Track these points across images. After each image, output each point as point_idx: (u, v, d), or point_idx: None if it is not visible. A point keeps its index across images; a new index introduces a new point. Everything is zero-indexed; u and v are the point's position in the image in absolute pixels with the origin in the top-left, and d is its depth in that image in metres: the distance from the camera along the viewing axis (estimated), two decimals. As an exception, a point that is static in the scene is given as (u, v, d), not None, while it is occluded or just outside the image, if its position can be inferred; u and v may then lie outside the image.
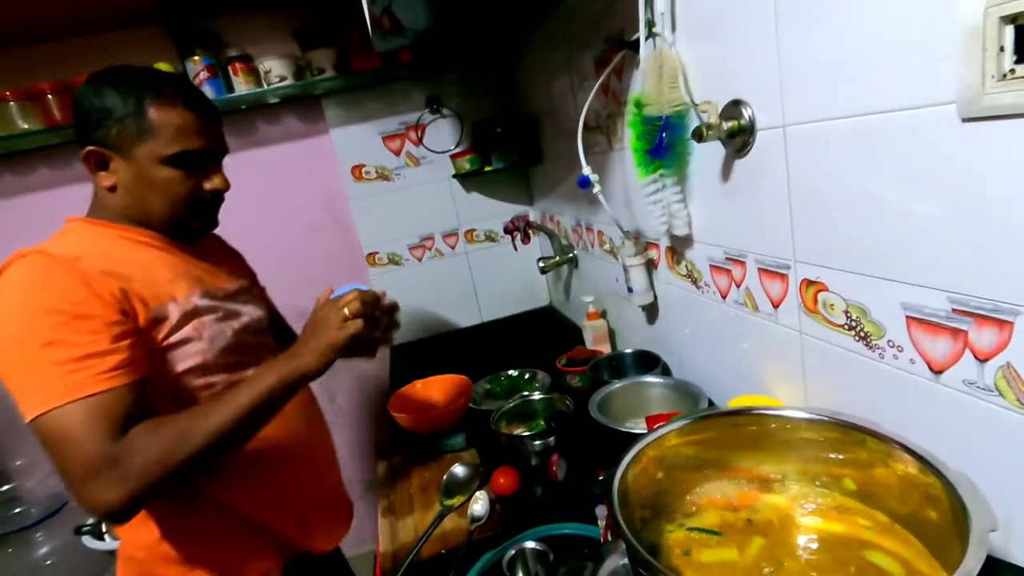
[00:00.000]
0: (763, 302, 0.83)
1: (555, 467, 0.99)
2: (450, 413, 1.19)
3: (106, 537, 1.49)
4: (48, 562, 1.67)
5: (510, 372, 1.44)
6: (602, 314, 1.46)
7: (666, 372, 1.16)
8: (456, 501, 0.97)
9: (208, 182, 0.84)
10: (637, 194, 1.09)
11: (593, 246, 1.48)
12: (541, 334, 1.86)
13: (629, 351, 1.26)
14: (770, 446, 0.57)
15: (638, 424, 0.96)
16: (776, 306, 0.80)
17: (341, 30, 1.65)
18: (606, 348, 1.42)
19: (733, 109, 0.77)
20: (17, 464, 1.78)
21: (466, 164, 1.82)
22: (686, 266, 1.02)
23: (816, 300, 0.72)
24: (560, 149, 1.57)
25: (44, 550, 1.68)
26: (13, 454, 1.78)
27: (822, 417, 0.54)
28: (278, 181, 1.81)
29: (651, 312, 1.21)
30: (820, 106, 0.63)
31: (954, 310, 0.53)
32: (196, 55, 1.58)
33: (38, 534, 1.68)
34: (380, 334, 0.85)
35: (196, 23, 1.62)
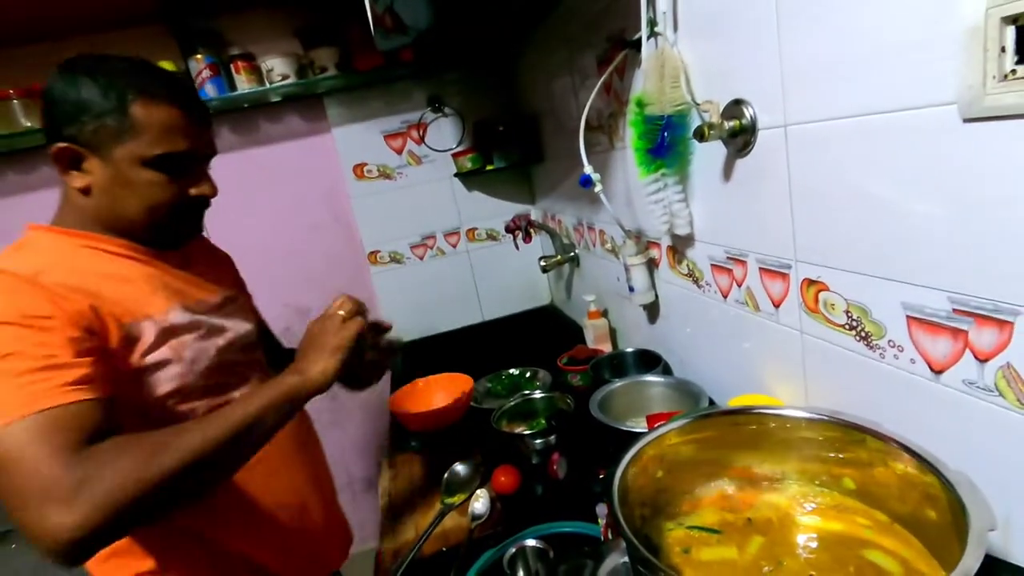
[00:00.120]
0: (764, 302, 0.83)
1: (556, 466, 0.99)
2: (451, 411, 1.19)
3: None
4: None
5: (511, 371, 1.44)
6: (603, 313, 1.46)
7: (667, 371, 1.16)
8: (457, 499, 0.97)
9: (194, 187, 0.77)
10: (638, 193, 1.09)
11: (594, 245, 1.49)
12: (542, 333, 1.87)
13: (630, 350, 1.26)
14: (770, 445, 0.57)
15: (639, 423, 0.96)
16: (777, 306, 0.80)
17: (343, 29, 1.65)
18: (607, 347, 1.42)
19: (735, 108, 0.77)
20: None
21: (468, 163, 1.82)
22: (687, 265, 1.02)
23: (817, 300, 0.72)
24: (561, 148, 1.57)
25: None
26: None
27: (822, 416, 0.54)
28: (280, 180, 1.81)
29: (652, 311, 1.22)
30: (821, 106, 0.63)
31: (954, 310, 0.53)
32: (199, 54, 1.58)
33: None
34: (376, 354, 0.84)
35: (198, 22, 1.63)
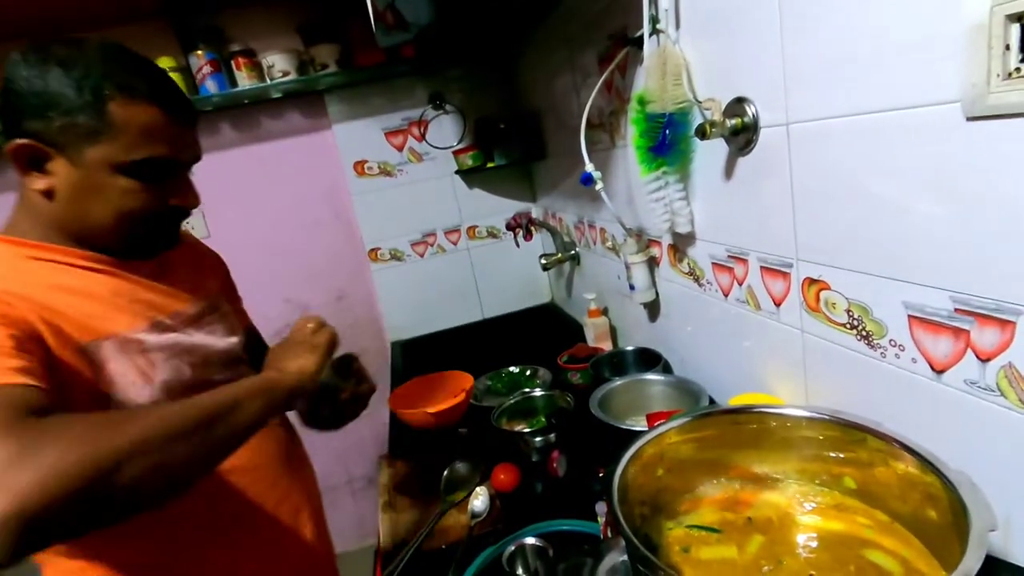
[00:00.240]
0: (765, 300, 0.83)
1: (555, 463, 0.99)
2: (451, 409, 1.19)
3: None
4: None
5: (511, 369, 1.44)
6: (604, 311, 1.46)
7: (667, 370, 1.16)
8: (457, 497, 0.97)
9: (174, 197, 0.69)
10: (640, 191, 1.09)
11: (595, 243, 1.48)
12: (542, 331, 1.87)
13: (630, 348, 1.26)
14: (770, 444, 0.57)
15: (639, 422, 0.96)
16: (778, 304, 0.80)
17: (344, 25, 1.65)
18: (607, 345, 1.42)
19: (737, 106, 0.76)
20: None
21: (469, 160, 1.81)
22: (688, 264, 1.02)
23: (818, 299, 0.72)
24: (563, 146, 1.56)
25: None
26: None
27: (822, 416, 0.54)
28: (280, 176, 1.81)
29: (653, 310, 1.21)
30: (824, 104, 0.63)
31: (956, 310, 0.53)
32: (199, 50, 1.58)
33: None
34: (351, 392, 0.83)
35: (199, 18, 1.62)
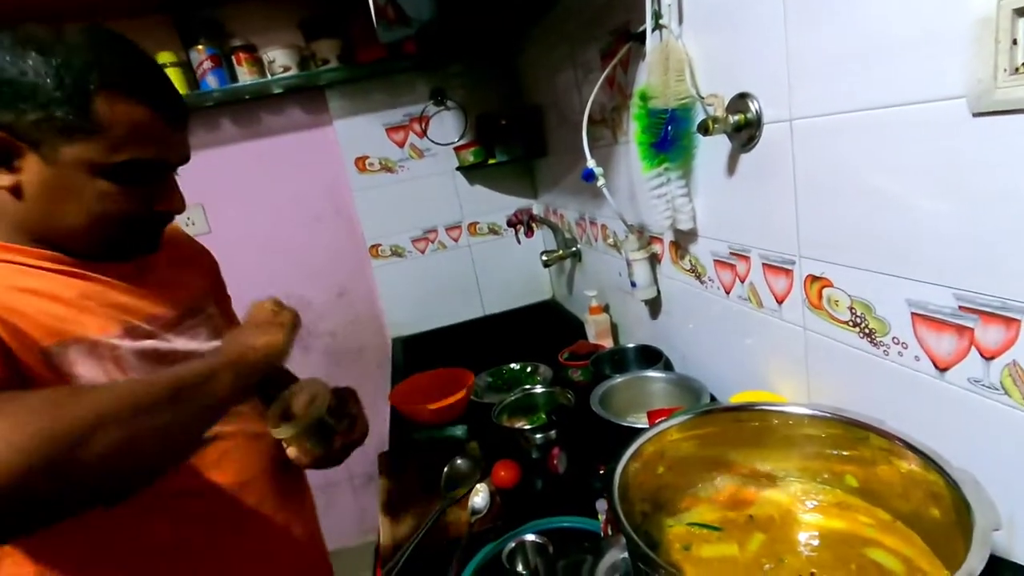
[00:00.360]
0: (767, 298, 0.82)
1: (556, 460, 0.99)
2: (452, 405, 1.19)
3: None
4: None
5: (512, 365, 1.44)
6: (605, 308, 1.45)
7: (668, 367, 1.16)
8: (457, 493, 0.97)
9: (159, 201, 0.65)
10: (641, 188, 1.08)
11: (596, 240, 1.48)
12: (543, 328, 1.86)
13: (631, 346, 1.26)
14: (772, 442, 0.56)
15: (639, 419, 0.96)
16: (780, 302, 0.79)
17: (345, 20, 1.64)
18: (608, 342, 1.42)
19: (740, 102, 0.76)
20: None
21: (470, 157, 1.81)
22: (690, 261, 1.01)
23: (821, 296, 0.71)
24: (565, 142, 1.56)
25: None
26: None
27: (825, 413, 0.54)
28: (281, 172, 1.81)
29: (654, 307, 1.21)
30: (828, 100, 0.63)
31: (960, 307, 0.53)
32: (200, 45, 1.57)
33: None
34: (344, 437, 0.78)
35: (200, 12, 1.61)
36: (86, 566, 0.62)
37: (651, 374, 1.09)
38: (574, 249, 1.66)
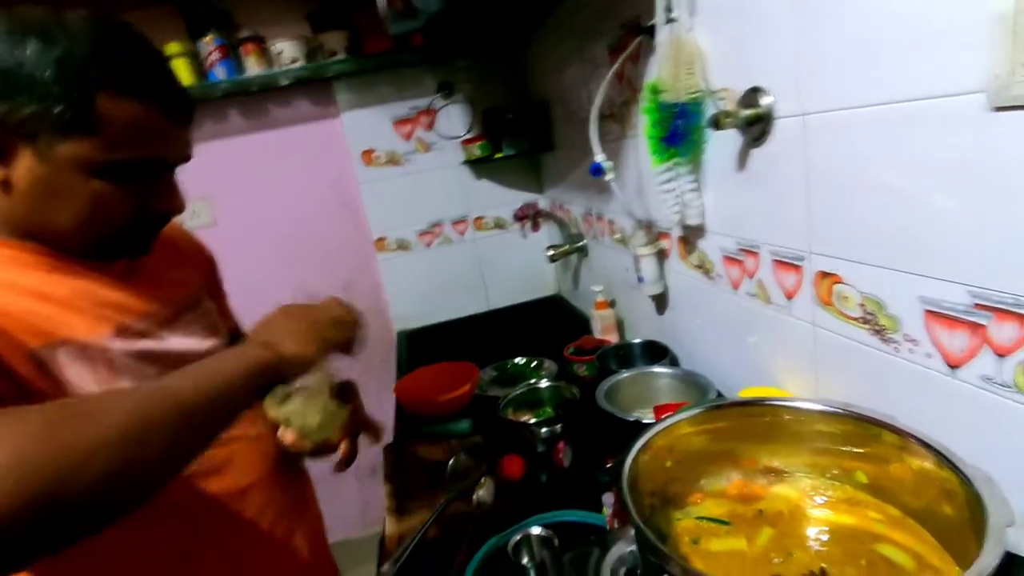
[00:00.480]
0: (776, 294, 0.82)
1: (561, 455, 0.99)
2: (457, 399, 1.19)
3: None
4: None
5: (516, 360, 1.44)
6: (611, 304, 1.45)
7: (674, 363, 1.15)
8: (462, 486, 0.97)
9: (157, 200, 0.62)
10: (650, 183, 1.08)
11: (603, 235, 1.47)
12: (548, 323, 1.86)
13: (637, 341, 1.26)
14: (782, 438, 0.56)
15: (645, 414, 0.96)
16: (789, 298, 0.79)
17: (353, 12, 1.64)
18: (614, 338, 1.42)
19: (751, 96, 0.75)
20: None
21: (477, 150, 1.80)
22: (698, 256, 1.01)
23: (831, 292, 0.71)
24: (572, 137, 1.55)
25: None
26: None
27: (837, 409, 0.54)
28: (288, 164, 1.81)
29: (661, 302, 1.21)
30: (842, 94, 0.62)
31: (975, 304, 0.52)
32: (208, 35, 1.57)
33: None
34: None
35: (208, 3, 1.61)
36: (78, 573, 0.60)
37: (657, 369, 1.09)
38: (580, 244, 1.66)
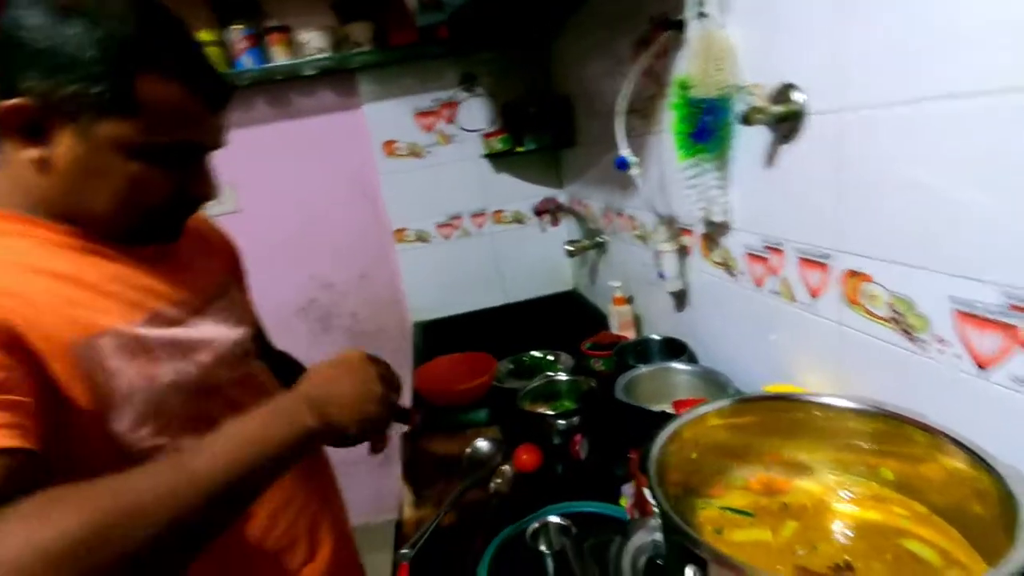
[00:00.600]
0: (801, 292, 0.82)
1: (578, 447, 1.00)
2: (474, 389, 1.20)
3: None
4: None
5: (533, 353, 1.44)
6: (629, 300, 1.45)
7: (692, 360, 1.15)
8: (479, 474, 0.98)
9: (193, 186, 0.62)
10: (673, 179, 1.08)
11: (623, 231, 1.47)
12: (564, 318, 1.87)
13: (656, 337, 1.26)
14: (808, 433, 0.56)
15: (665, 409, 0.96)
16: (814, 296, 0.79)
17: (379, 3, 1.65)
18: (631, 334, 1.42)
19: (783, 93, 0.75)
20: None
21: (497, 144, 1.81)
22: (721, 253, 1.01)
23: (858, 291, 0.71)
24: (594, 132, 1.55)
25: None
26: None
27: (867, 407, 0.53)
28: (310, 154, 1.83)
29: (680, 299, 1.21)
30: (876, 92, 0.62)
31: (1011, 305, 0.52)
32: (236, 24, 1.59)
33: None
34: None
35: (237, -9, 1.63)
36: None
37: (676, 365, 1.09)
38: (599, 240, 1.66)
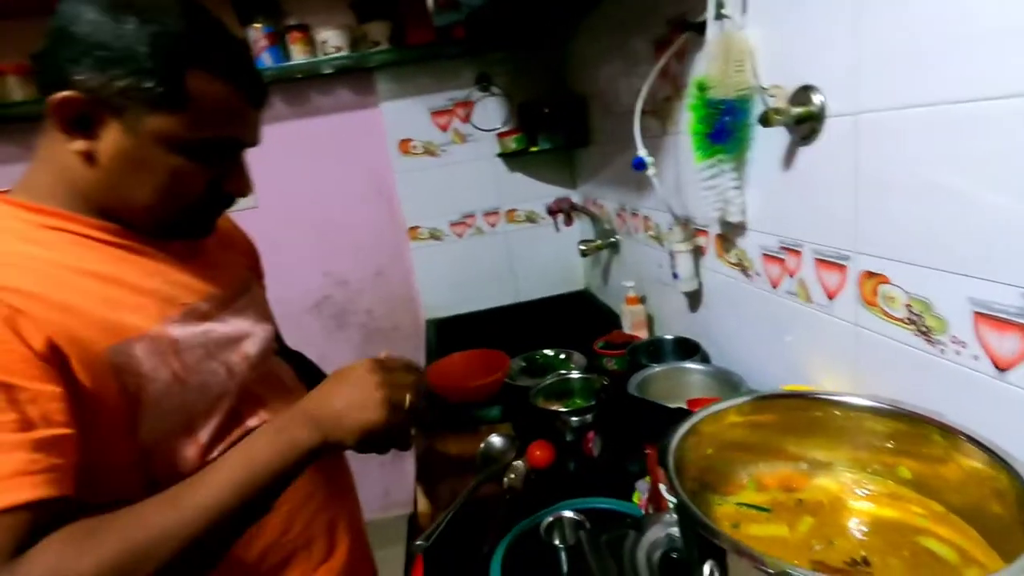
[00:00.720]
0: (817, 293, 0.82)
1: (591, 444, 1.00)
2: (488, 386, 1.22)
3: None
4: None
5: (545, 351, 1.45)
6: (642, 299, 1.46)
7: (705, 360, 1.16)
8: (493, 469, 0.99)
9: (229, 182, 0.64)
10: (689, 179, 1.08)
11: (637, 231, 1.48)
12: (576, 317, 1.88)
13: (669, 337, 1.26)
14: (827, 432, 0.57)
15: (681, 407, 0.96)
16: (831, 298, 0.79)
17: (398, 2, 1.66)
18: (644, 333, 1.42)
19: (803, 94, 0.75)
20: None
21: (512, 143, 1.82)
22: (736, 254, 1.01)
23: (876, 293, 0.71)
24: (609, 132, 1.56)
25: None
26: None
27: (887, 406, 0.54)
28: (327, 151, 1.85)
29: (694, 299, 1.21)
30: (897, 94, 0.62)
31: (1030, 306, 0.52)
32: (257, 23, 1.61)
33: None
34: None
35: (258, -10, 1.65)
36: None
37: (689, 365, 1.09)
38: (612, 240, 1.66)
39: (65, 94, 0.52)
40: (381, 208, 1.93)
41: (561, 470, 1.00)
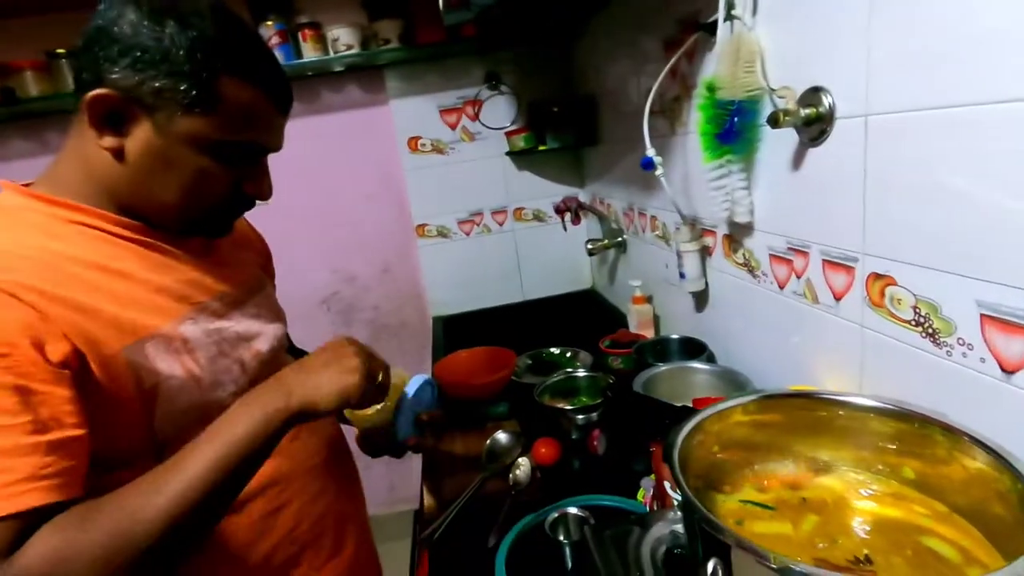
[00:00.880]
0: (824, 294, 0.82)
1: (596, 442, 1.01)
2: (494, 383, 1.22)
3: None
4: None
5: (552, 349, 1.46)
6: (648, 299, 1.46)
7: (711, 360, 1.16)
8: (499, 465, 1.00)
9: (251, 185, 0.65)
10: (698, 180, 1.09)
11: (644, 231, 1.48)
12: (582, 316, 1.88)
13: (675, 337, 1.27)
14: (832, 432, 0.57)
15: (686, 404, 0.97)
16: (838, 299, 0.79)
17: (408, 1, 1.67)
18: (650, 333, 1.43)
19: (812, 96, 0.75)
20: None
21: (520, 142, 1.82)
22: (743, 254, 1.01)
23: (883, 294, 0.71)
24: (617, 131, 1.56)
25: None
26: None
27: (892, 407, 0.54)
28: (336, 149, 1.86)
29: (701, 299, 1.21)
30: (906, 96, 0.62)
31: (1037, 309, 0.52)
32: (270, 20, 1.62)
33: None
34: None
35: (271, -12, 1.67)
36: None
37: (695, 365, 1.09)
38: (620, 239, 1.67)
39: (101, 91, 0.54)
40: (390, 205, 1.94)
41: (566, 467, 1.01)
